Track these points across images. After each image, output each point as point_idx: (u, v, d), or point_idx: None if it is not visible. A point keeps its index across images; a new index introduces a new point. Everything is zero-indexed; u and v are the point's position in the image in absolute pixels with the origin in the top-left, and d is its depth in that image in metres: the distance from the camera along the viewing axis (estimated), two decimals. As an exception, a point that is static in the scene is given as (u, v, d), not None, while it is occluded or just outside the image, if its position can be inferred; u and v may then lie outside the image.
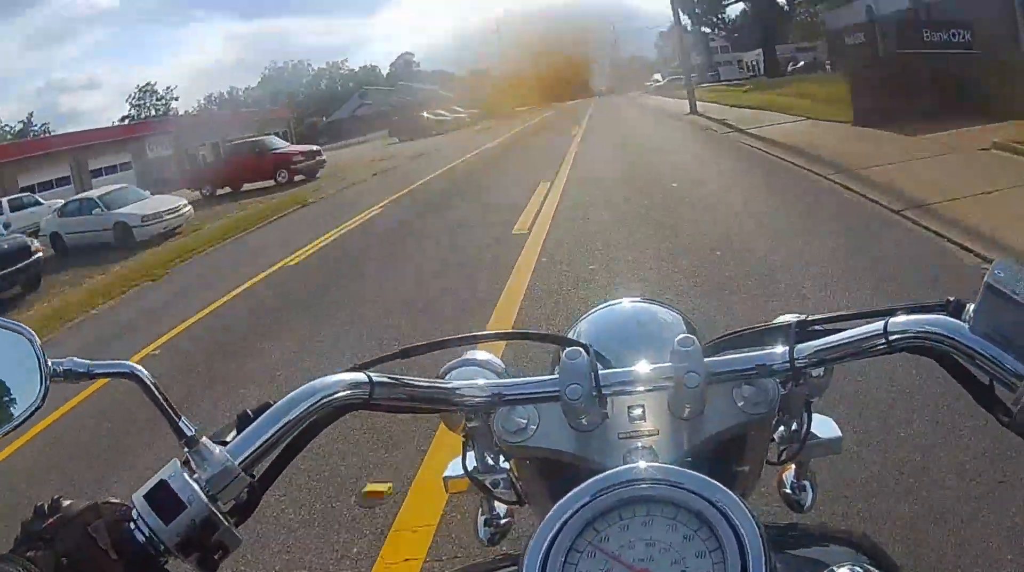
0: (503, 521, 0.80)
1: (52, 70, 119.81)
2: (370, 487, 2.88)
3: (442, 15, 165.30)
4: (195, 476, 0.53)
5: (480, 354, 0.73)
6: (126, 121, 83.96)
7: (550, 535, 0.48)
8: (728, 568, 0.45)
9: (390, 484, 2.86)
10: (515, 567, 0.51)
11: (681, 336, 0.61)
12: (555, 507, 0.50)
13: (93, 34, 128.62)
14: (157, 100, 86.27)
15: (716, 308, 4.29)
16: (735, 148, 12.18)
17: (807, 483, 0.80)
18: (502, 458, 0.72)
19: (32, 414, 0.58)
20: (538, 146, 18.55)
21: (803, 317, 0.65)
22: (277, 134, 47.44)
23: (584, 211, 8.39)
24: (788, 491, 0.81)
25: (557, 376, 0.62)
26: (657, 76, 77.61)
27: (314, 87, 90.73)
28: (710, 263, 5.31)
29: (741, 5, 46.78)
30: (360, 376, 0.61)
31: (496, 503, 0.78)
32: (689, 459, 0.61)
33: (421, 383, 0.64)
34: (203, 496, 0.52)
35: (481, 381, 0.67)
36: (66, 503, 0.51)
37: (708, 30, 59.34)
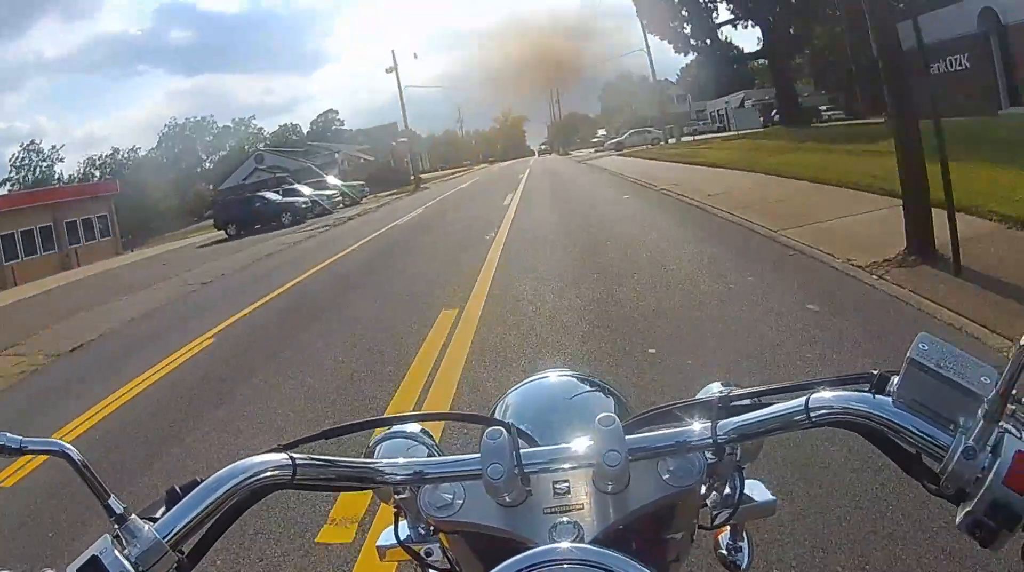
0: None
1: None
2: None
3: (381, 71, 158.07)
4: (125, 552, 0.54)
5: (410, 426, 0.74)
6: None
7: None
8: None
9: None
10: None
11: (602, 415, 0.61)
12: None
13: (35, 84, 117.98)
14: (42, 160, 74.25)
15: None
16: None
17: (743, 544, 0.81)
18: (433, 528, 0.73)
19: None
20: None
21: (727, 391, 0.65)
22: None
23: None
24: (724, 552, 0.81)
25: (479, 455, 0.61)
26: (602, 131, 68.76)
27: (218, 148, 79.94)
28: None
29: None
30: (283, 457, 0.61)
31: (430, 571, 0.79)
32: (620, 527, 0.61)
33: (344, 462, 0.65)
34: None
35: (403, 460, 0.67)
36: None
37: (673, 79, 51.01)
